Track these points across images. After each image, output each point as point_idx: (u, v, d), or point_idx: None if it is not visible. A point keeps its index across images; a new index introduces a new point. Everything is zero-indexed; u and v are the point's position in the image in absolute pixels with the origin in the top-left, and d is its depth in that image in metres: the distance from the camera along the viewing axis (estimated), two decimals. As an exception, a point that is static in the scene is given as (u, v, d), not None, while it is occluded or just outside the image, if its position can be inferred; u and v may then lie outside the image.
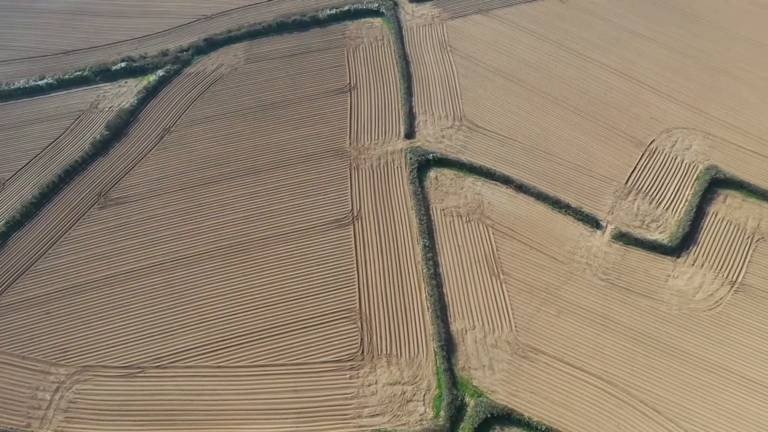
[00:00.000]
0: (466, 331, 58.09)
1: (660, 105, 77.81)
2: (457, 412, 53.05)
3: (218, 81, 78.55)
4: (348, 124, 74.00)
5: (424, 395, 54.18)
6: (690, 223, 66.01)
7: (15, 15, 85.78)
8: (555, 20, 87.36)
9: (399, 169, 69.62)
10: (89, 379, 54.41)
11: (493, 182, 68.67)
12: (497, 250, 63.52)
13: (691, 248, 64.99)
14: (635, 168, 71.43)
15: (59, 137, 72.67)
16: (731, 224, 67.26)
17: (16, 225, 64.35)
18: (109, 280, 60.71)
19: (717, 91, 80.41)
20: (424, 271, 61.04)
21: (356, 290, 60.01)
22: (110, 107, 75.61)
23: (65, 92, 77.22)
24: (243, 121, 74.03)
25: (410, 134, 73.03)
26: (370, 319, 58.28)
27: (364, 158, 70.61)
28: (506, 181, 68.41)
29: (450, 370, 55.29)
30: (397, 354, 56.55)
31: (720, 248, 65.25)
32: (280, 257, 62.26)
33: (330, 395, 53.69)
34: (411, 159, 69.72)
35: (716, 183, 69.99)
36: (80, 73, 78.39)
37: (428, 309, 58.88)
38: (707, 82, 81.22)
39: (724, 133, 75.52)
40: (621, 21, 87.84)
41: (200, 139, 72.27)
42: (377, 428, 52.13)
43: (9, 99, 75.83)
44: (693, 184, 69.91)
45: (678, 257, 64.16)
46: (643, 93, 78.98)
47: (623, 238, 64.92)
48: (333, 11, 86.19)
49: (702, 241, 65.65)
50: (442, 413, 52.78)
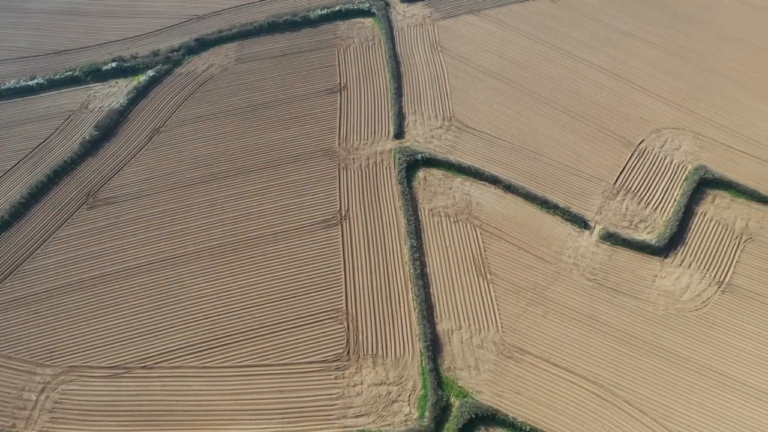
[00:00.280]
0: (453, 332, 58.09)
1: (650, 105, 77.74)
2: (442, 413, 53.04)
3: (209, 81, 78.56)
4: (338, 125, 73.98)
5: (410, 396, 54.18)
6: (678, 224, 65.93)
7: (6, 15, 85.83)
8: (546, 20, 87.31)
9: (388, 170, 69.60)
10: (75, 380, 54.40)
11: (482, 182, 68.65)
12: (485, 251, 63.51)
13: (679, 248, 64.94)
14: (624, 168, 71.36)
15: (49, 137, 72.71)
16: (719, 224, 67.20)
17: (4, 225, 64.33)
18: (97, 281, 60.75)
19: (707, 92, 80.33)
20: (411, 272, 61.04)
21: (343, 290, 60.01)
22: (100, 107, 75.65)
23: (56, 92, 77.30)
24: (233, 122, 74.03)
25: (399, 134, 73.03)
26: (357, 320, 58.28)
27: (353, 158, 70.61)
28: (495, 182, 68.39)
29: (435, 371, 55.30)
30: (383, 354, 56.55)
31: (708, 248, 65.21)
32: (268, 257, 62.29)
33: (315, 395, 53.68)
34: (400, 159, 69.72)
35: (705, 183, 69.93)
36: (71, 73, 78.45)
37: (415, 309, 58.85)
38: (698, 82, 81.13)
39: (714, 134, 75.44)
40: (612, 21, 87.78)
41: (190, 139, 72.28)
42: (362, 429, 52.10)
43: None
44: (682, 185, 69.81)
45: (666, 257, 64.11)
46: (633, 93, 78.90)
47: (611, 239, 64.88)
48: (324, 11, 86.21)
49: (690, 242, 65.60)
50: (427, 414, 52.77)
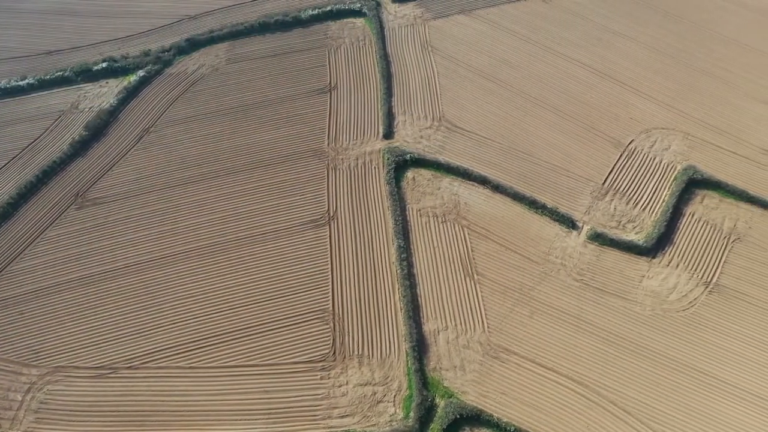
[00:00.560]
0: (439, 332, 58.11)
1: (640, 105, 77.69)
2: (427, 413, 53.08)
3: (199, 81, 78.60)
4: (327, 125, 73.99)
5: (395, 396, 54.21)
6: (666, 224, 65.88)
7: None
8: (537, 20, 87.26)
9: (376, 170, 69.61)
10: (61, 380, 54.46)
11: (470, 182, 68.63)
12: (472, 251, 63.51)
13: (667, 249, 64.90)
14: (613, 168, 71.31)
15: (39, 137, 72.77)
16: (708, 224, 67.15)
17: (-7, 225, 64.60)
18: (85, 281, 60.78)
19: (698, 92, 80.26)
20: (399, 272, 61.07)
21: (330, 291, 60.03)
22: (90, 107, 75.70)
23: (46, 92, 77.38)
24: (223, 122, 74.05)
25: (389, 134, 73.04)
26: (343, 320, 58.31)
27: (342, 158, 70.62)
28: (483, 182, 68.36)
29: (421, 371, 55.32)
30: (369, 355, 56.57)
31: (696, 249, 65.17)
32: (256, 257, 62.31)
33: (301, 396, 53.72)
34: (388, 159, 69.71)
35: (694, 183, 69.85)
36: (61, 74, 78.53)
37: (401, 309, 58.86)
38: (688, 83, 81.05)
39: (704, 134, 75.38)
40: (603, 21, 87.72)
41: (179, 140, 72.32)
42: (347, 429, 52.13)
43: (-11, 99, 76.18)
44: (671, 185, 69.75)
45: (653, 258, 64.08)
46: (624, 93, 78.85)
47: (599, 239, 64.85)
48: (315, 11, 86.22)
49: (678, 242, 65.55)
50: (412, 414, 52.79)
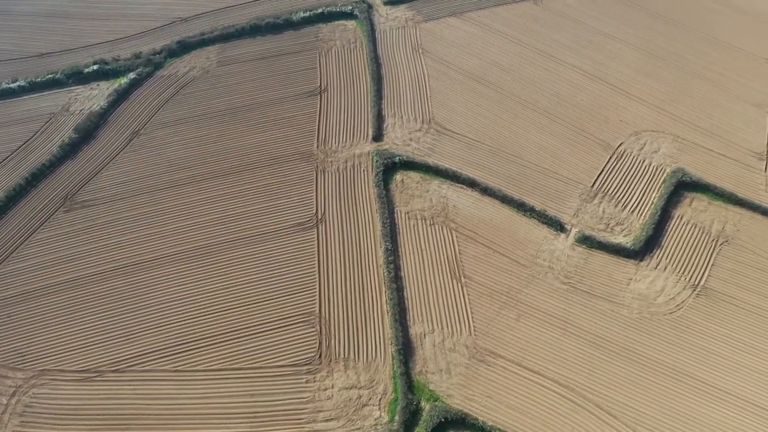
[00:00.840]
0: (425, 335, 58.04)
1: (630, 108, 77.68)
2: (412, 417, 53.00)
3: (189, 84, 78.58)
4: (316, 127, 73.95)
5: (380, 399, 54.13)
6: (654, 226, 65.84)
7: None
8: (528, 23, 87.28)
9: (365, 172, 69.59)
10: (46, 383, 54.40)
11: (459, 185, 68.60)
12: (460, 254, 63.46)
13: (655, 251, 64.84)
14: (602, 171, 71.29)
15: (29, 140, 72.76)
16: (696, 227, 67.11)
17: (-19, 229, 64.60)
18: (72, 284, 60.74)
19: (688, 94, 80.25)
20: (386, 275, 61.00)
21: (317, 294, 59.95)
22: (81, 110, 75.68)
23: (37, 95, 77.37)
24: (212, 124, 74.03)
25: (378, 137, 73.03)
26: (330, 323, 58.26)
27: (331, 161, 70.61)
28: (472, 184, 68.33)
29: (407, 374, 55.26)
30: (355, 358, 56.51)
31: (684, 251, 65.11)
32: (243, 260, 62.25)
33: (285, 399, 53.65)
34: (377, 162, 69.69)
35: (683, 186, 69.84)
36: (52, 76, 78.51)
37: (388, 313, 58.83)
38: (679, 85, 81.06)
39: (694, 136, 75.37)
40: (595, 24, 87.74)
41: (168, 142, 72.29)
42: (332, 432, 52.28)
43: (-20, 102, 76.19)
44: (659, 187, 69.70)
45: (641, 260, 64.02)
46: (614, 95, 78.85)
47: (587, 242, 64.80)
48: (307, 14, 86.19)
49: (666, 245, 65.50)
50: (397, 418, 52.71)
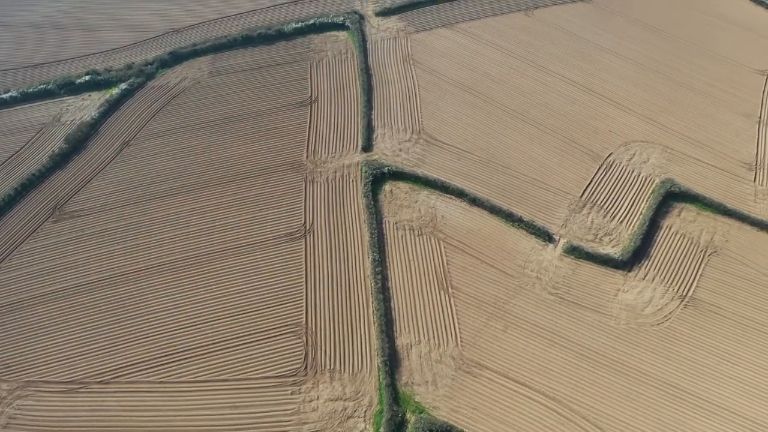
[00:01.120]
0: (412, 346, 57.79)
1: (620, 118, 77.82)
2: (397, 429, 52.60)
3: (181, 94, 78.84)
4: (306, 138, 74.09)
5: (365, 411, 53.81)
6: (643, 237, 65.74)
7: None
8: (520, 34, 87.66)
9: (354, 183, 69.62)
10: (31, 395, 54.15)
11: (448, 196, 68.59)
12: (448, 264, 63.33)
13: (643, 262, 64.69)
14: (591, 181, 71.27)
15: (19, 151, 72.88)
16: (685, 238, 67.00)
17: (-32, 239, 64.59)
18: (59, 294, 60.59)
19: (679, 105, 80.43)
20: (373, 285, 60.85)
21: (303, 304, 59.78)
22: (72, 120, 75.88)
23: (29, 105, 77.61)
24: (202, 135, 74.18)
25: (368, 147, 73.15)
26: (316, 334, 58.04)
27: (320, 171, 70.66)
28: (460, 195, 68.32)
29: (392, 386, 54.94)
30: (341, 369, 56.23)
31: (672, 262, 64.96)
32: (230, 271, 62.10)
33: (270, 411, 53.30)
34: (366, 172, 69.73)
35: (672, 196, 69.77)
36: (45, 87, 78.86)
37: (374, 323, 58.63)
38: (669, 96, 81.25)
39: (684, 147, 75.45)
40: (586, 35, 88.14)
41: (158, 153, 72.39)
42: (316, 445, 51.95)
43: (-28, 113, 76.40)
44: (648, 198, 69.69)
45: (629, 271, 63.85)
46: (604, 106, 79.04)
47: (575, 252, 64.68)
48: (299, 25, 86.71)
49: (654, 255, 65.36)
50: (382, 430, 52.36)
